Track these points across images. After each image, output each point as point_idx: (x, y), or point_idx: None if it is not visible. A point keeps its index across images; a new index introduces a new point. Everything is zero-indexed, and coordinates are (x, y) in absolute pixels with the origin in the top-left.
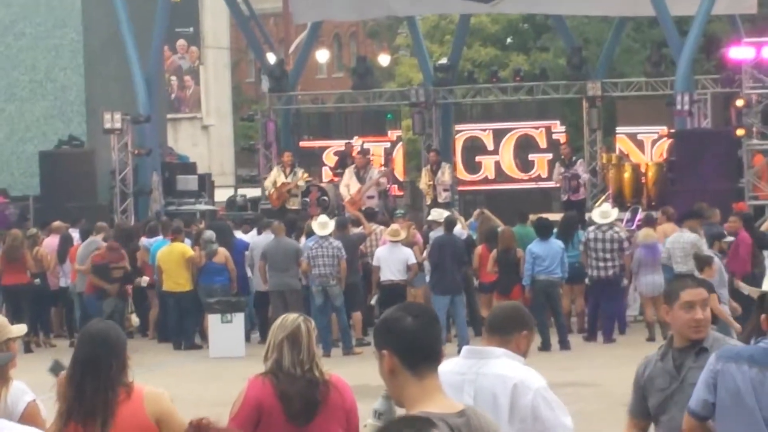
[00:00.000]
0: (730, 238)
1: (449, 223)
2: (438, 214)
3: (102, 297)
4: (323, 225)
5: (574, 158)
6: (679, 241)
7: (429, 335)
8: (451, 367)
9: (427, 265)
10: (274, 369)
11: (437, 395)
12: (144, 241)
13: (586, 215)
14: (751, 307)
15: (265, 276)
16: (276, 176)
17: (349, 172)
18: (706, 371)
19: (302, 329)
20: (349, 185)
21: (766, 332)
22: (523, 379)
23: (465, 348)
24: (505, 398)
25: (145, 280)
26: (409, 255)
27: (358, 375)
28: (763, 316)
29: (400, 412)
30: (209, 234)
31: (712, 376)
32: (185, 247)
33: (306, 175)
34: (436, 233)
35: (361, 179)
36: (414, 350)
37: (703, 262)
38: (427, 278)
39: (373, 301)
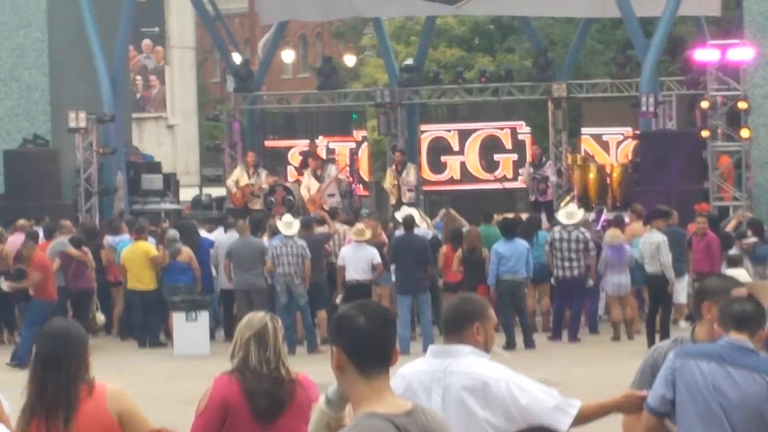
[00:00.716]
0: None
1: (407, 223)
2: (406, 213)
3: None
4: (288, 225)
5: (543, 159)
6: (648, 241)
7: (380, 337)
8: (419, 366)
9: None
10: (240, 367)
11: (386, 395)
12: (109, 239)
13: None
14: None
15: (231, 274)
16: (239, 176)
17: (308, 174)
18: (665, 368)
19: (269, 328)
20: (309, 186)
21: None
22: (491, 373)
23: (431, 347)
24: (476, 396)
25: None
26: (374, 254)
27: (322, 373)
28: (704, 303)
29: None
30: (173, 233)
31: (671, 373)
32: (149, 246)
33: (271, 178)
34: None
35: (319, 179)
36: (363, 351)
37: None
38: (393, 278)
39: (338, 300)
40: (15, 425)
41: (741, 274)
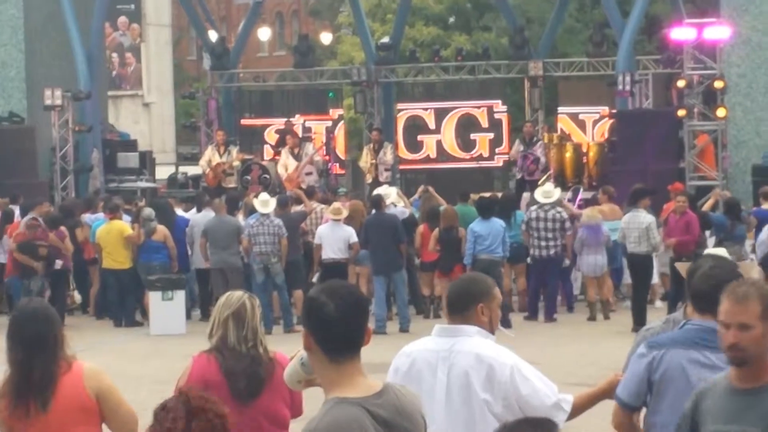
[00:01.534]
0: None
1: (376, 202)
2: (384, 192)
3: (27, 276)
4: (265, 203)
5: (534, 138)
6: (635, 221)
7: (350, 323)
8: (424, 345)
9: None
10: (219, 346)
11: (356, 378)
12: (85, 217)
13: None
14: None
15: (206, 253)
16: (210, 155)
17: (285, 153)
18: (637, 362)
19: (247, 306)
20: (286, 165)
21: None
22: (497, 356)
23: (437, 326)
24: (480, 376)
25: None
26: (351, 233)
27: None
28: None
29: None
30: (148, 212)
31: (647, 367)
32: (123, 224)
33: (241, 154)
34: None
35: (297, 157)
36: (332, 338)
37: None
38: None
39: (314, 279)
40: None
41: (722, 252)
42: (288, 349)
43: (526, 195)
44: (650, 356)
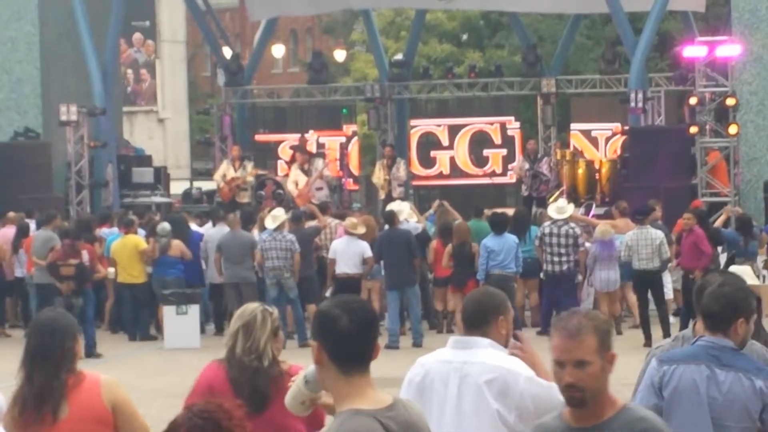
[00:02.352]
0: None
1: (390, 218)
2: (397, 208)
3: (54, 294)
4: (274, 218)
5: (539, 155)
6: (645, 237)
7: (362, 338)
8: (438, 356)
9: None
10: (228, 356)
11: (367, 391)
12: (100, 232)
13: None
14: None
15: (221, 268)
16: (225, 170)
17: (295, 169)
18: (649, 375)
19: (257, 318)
20: (296, 181)
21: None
22: (511, 368)
23: (452, 338)
24: (493, 387)
25: (111, 272)
26: (365, 248)
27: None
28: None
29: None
30: (162, 227)
31: (658, 380)
32: (138, 239)
33: (255, 170)
34: None
35: (307, 173)
36: (344, 351)
37: None
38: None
39: (327, 294)
40: (6, 413)
41: (745, 271)
42: (302, 363)
43: (534, 211)
44: (661, 371)
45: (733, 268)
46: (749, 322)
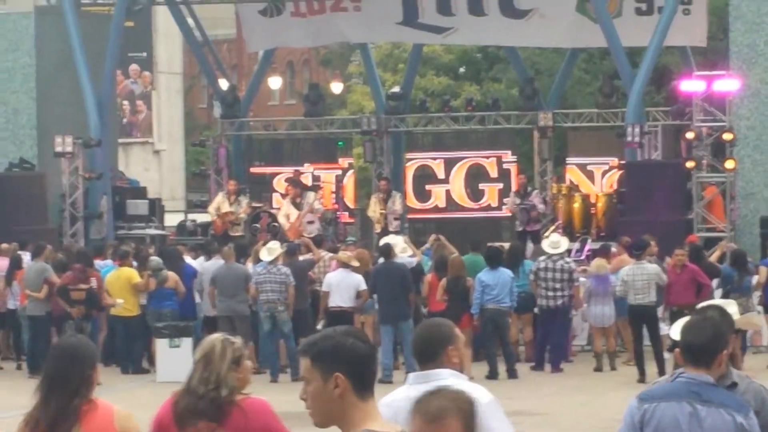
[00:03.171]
0: None
1: (385, 252)
2: (392, 242)
3: (64, 320)
4: (270, 251)
5: (529, 189)
6: (641, 272)
7: (375, 360)
8: (402, 394)
9: None
10: (183, 388)
11: (377, 416)
12: (97, 263)
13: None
14: None
15: (214, 301)
16: (220, 203)
17: (287, 203)
18: (630, 414)
19: (216, 349)
20: (288, 215)
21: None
22: (474, 395)
23: (411, 375)
24: None
25: (120, 303)
26: (360, 281)
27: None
28: (675, 350)
29: None
30: (156, 261)
31: (639, 419)
32: (132, 272)
33: (249, 206)
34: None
35: (298, 206)
36: (365, 375)
37: None
38: (377, 306)
39: (319, 327)
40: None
41: (730, 303)
42: (294, 398)
43: (530, 246)
44: (642, 409)
45: (718, 302)
46: (728, 351)
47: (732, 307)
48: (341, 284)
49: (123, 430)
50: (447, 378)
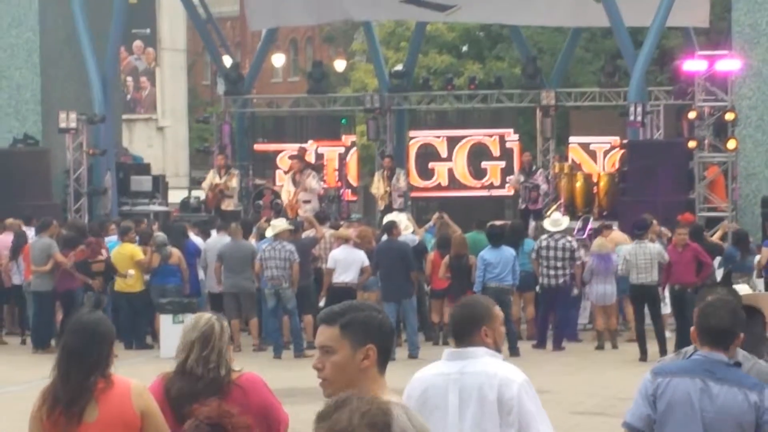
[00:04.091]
0: None
1: (388, 228)
2: (395, 218)
3: (70, 295)
4: (274, 227)
5: (534, 167)
6: (643, 252)
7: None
8: (435, 369)
9: None
10: (177, 369)
11: (388, 390)
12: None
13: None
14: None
15: (220, 277)
16: (211, 179)
17: (287, 178)
18: (644, 386)
19: (215, 329)
20: (288, 191)
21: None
22: (507, 374)
23: (447, 351)
24: (492, 394)
25: (131, 273)
26: (363, 257)
27: (308, 377)
28: (692, 329)
29: None
30: (161, 237)
31: (652, 391)
32: (135, 248)
33: (233, 178)
34: None
35: (296, 184)
36: (390, 349)
37: None
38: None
39: (321, 304)
40: (34, 407)
41: (741, 287)
42: (297, 374)
43: (532, 224)
44: (656, 383)
45: (737, 287)
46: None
47: (745, 289)
48: (346, 260)
49: (140, 407)
50: (483, 356)
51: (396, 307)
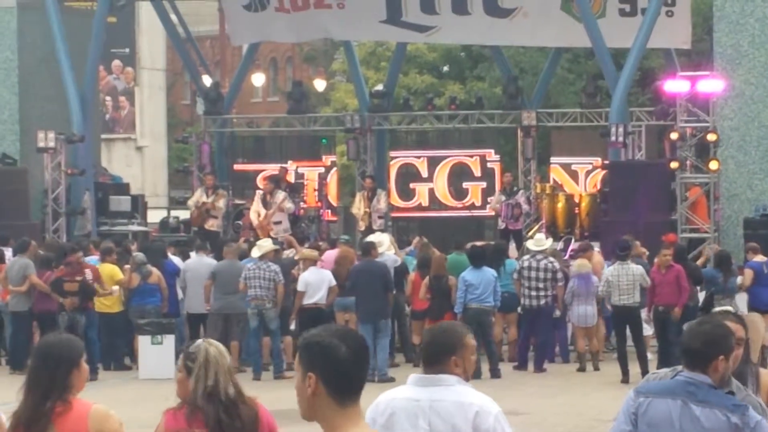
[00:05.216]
0: None
1: (366, 249)
2: (377, 239)
3: (47, 316)
4: (260, 247)
5: (515, 188)
6: (626, 273)
7: (360, 366)
8: (401, 394)
9: None
10: (191, 399)
11: (359, 422)
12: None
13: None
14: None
15: (209, 296)
16: (198, 197)
17: (257, 198)
18: (626, 405)
19: (219, 351)
20: (258, 211)
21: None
22: (483, 404)
23: (413, 376)
24: (467, 424)
25: (115, 290)
26: (330, 277)
27: (287, 399)
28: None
29: None
30: (141, 257)
31: (634, 411)
32: (114, 268)
33: (220, 197)
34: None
35: (267, 205)
36: (343, 381)
37: None
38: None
39: (292, 326)
40: (7, 428)
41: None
42: (277, 396)
43: (512, 245)
44: (637, 402)
45: (724, 308)
46: (728, 360)
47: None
48: (316, 281)
49: (94, 429)
50: (455, 384)
51: (373, 329)
